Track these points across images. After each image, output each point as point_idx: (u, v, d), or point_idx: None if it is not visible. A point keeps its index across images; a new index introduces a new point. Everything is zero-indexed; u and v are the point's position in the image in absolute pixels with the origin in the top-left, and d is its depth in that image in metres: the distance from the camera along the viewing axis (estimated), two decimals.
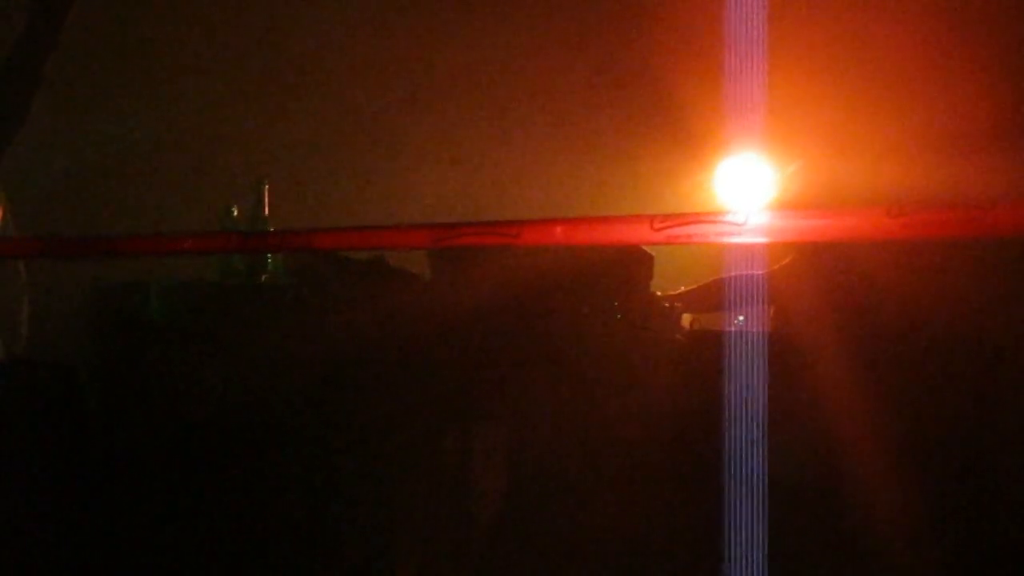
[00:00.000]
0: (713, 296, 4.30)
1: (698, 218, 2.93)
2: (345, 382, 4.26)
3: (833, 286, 3.87)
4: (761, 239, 3.12)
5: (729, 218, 2.95)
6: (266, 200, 4.77)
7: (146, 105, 6.32)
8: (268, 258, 4.76)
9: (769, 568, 3.57)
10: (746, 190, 4.57)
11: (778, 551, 3.58)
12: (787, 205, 4.21)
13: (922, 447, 3.53)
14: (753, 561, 3.56)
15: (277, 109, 6.42)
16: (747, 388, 3.65)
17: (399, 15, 6.33)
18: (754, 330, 3.85)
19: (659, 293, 4.54)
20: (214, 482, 4.17)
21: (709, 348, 3.83)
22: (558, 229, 3.10)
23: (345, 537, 4.17)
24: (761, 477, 3.58)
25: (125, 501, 4.10)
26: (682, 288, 4.58)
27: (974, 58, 4.36)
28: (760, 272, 4.04)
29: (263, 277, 4.78)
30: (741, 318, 4.63)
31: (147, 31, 6.40)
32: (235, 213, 4.86)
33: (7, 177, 4.67)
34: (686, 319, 4.53)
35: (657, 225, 2.94)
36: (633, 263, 4.41)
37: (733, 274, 4.09)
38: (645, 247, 4.39)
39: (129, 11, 6.28)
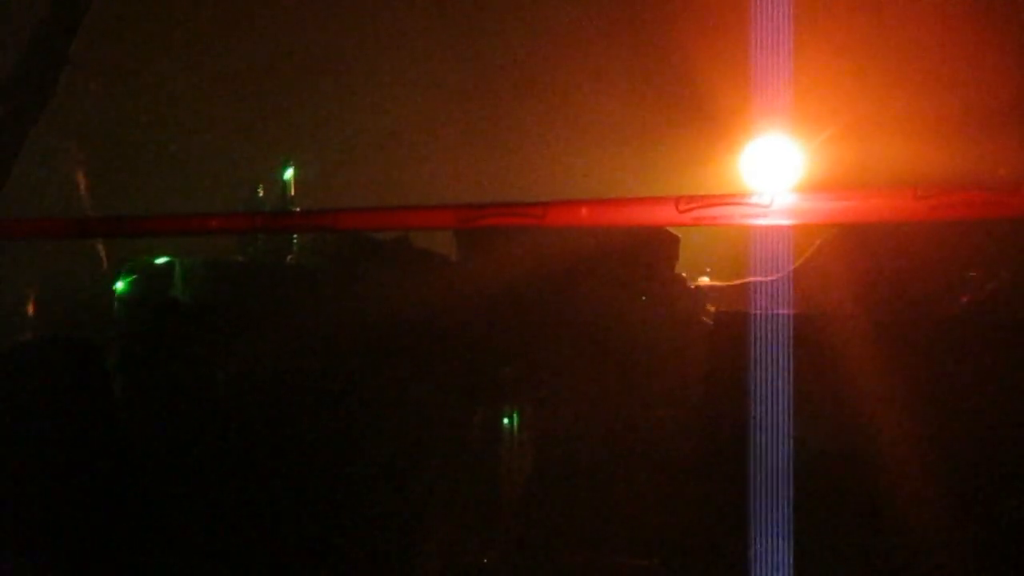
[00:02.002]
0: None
1: (724, 200, 2.93)
2: (370, 361, 4.23)
3: (859, 269, 3.84)
4: (787, 221, 3.11)
5: (755, 200, 2.94)
6: (292, 181, 4.79)
7: (176, 89, 6.34)
8: (294, 238, 4.78)
9: (794, 543, 3.55)
10: (772, 172, 4.54)
11: (803, 528, 3.56)
12: (813, 187, 4.18)
13: (946, 430, 3.50)
14: (779, 537, 3.54)
15: (305, 93, 6.43)
16: (772, 368, 3.63)
17: (436, 6, 6.35)
18: (780, 311, 3.83)
19: (683, 274, 4.52)
20: (237, 458, 4.15)
21: (735, 329, 3.80)
22: (583, 210, 3.10)
23: (373, 512, 4.13)
24: (787, 456, 3.56)
25: (150, 475, 4.07)
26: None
27: (1000, 39, 4.33)
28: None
29: (288, 257, 4.79)
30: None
31: (176, 18, 6.42)
32: (261, 193, 4.87)
33: (37, 161, 4.70)
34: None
35: (683, 207, 2.93)
36: (658, 245, 4.40)
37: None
38: (671, 228, 4.36)
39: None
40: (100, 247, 5.16)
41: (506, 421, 4.33)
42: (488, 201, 3.20)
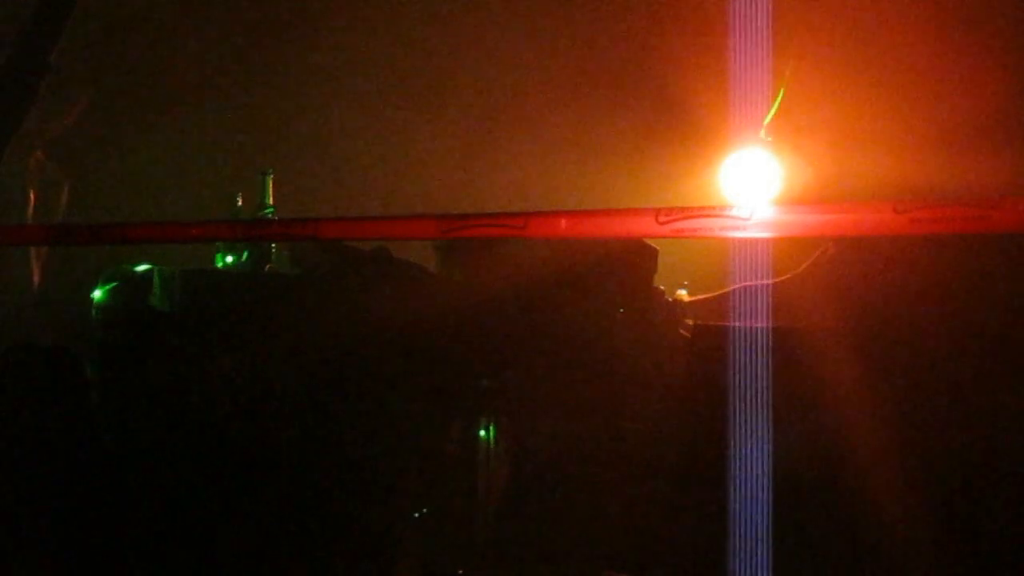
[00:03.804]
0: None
1: (703, 212, 2.93)
2: (348, 371, 4.22)
3: (838, 284, 3.84)
4: (766, 234, 3.11)
5: (734, 212, 2.94)
6: (270, 190, 4.77)
7: (155, 100, 6.34)
8: (272, 247, 4.76)
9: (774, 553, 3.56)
10: (751, 185, 4.56)
11: (782, 538, 3.56)
12: (792, 200, 4.19)
13: (923, 441, 3.52)
14: (759, 546, 3.55)
15: (283, 102, 6.43)
16: (750, 380, 3.64)
17: (416, 16, 6.36)
18: (757, 325, 3.83)
19: (661, 287, 4.52)
20: (217, 466, 4.14)
21: (712, 341, 3.81)
22: (563, 221, 3.10)
23: (353, 519, 4.13)
24: (765, 467, 3.57)
25: (129, 485, 4.05)
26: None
27: (979, 56, 4.35)
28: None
29: (267, 266, 4.77)
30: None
31: (153, 30, 6.42)
32: (240, 202, 4.86)
33: (14, 169, 4.69)
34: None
35: (662, 219, 2.93)
36: (637, 257, 4.39)
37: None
38: (649, 240, 4.36)
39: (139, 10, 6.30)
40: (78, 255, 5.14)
41: (483, 432, 4.31)
42: (470, 212, 3.20)
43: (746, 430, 3.60)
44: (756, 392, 3.60)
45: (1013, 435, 3.44)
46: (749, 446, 3.58)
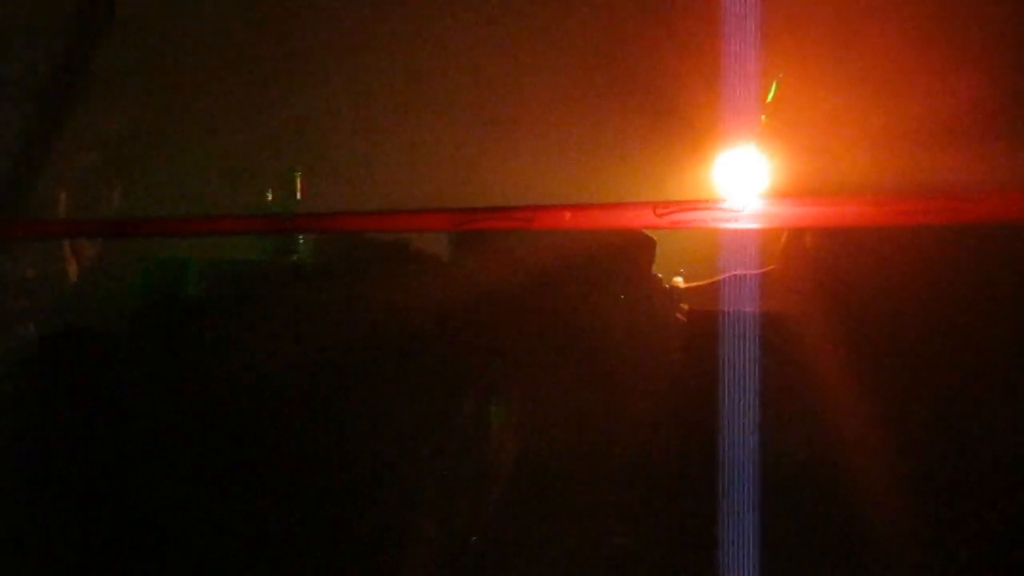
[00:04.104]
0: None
1: (698, 205, 3.00)
2: (367, 357, 4.23)
3: (830, 273, 3.86)
4: (756, 225, 3.17)
5: (727, 205, 3.00)
6: (298, 186, 4.81)
7: (191, 100, 6.32)
8: (299, 239, 4.80)
9: (763, 545, 3.56)
10: (742, 180, 4.58)
11: (773, 530, 3.56)
12: (780, 194, 4.22)
13: (912, 432, 3.52)
14: (746, 534, 3.55)
15: (309, 104, 6.43)
16: (744, 364, 3.66)
17: (419, 16, 6.34)
18: (750, 309, 3.85)
19: (660, 275, 4.55)
20: (243, 450, 4.15)
21: (708, 326, 3.83)
22: (568, 214, 3.16)
23: (367, 505, 4.14)
24: (755, 451, 3.58)
25: (158, 469, 4.08)
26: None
27: (957, 56, 4.37)
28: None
29: (294, 256, 4.82)
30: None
31: (185, 29, 6.41)
32: (269, 198, 4.89)
33: (60, 162, 4.70)
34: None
35: (660, 211, 2.99)
36: (637, 247, 4.43)
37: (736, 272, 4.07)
38: (648, 232, 4.41)
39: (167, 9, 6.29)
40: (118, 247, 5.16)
41: (493, 412, 4.36)
42: (480, 206, 3.23)
43: (737, 407, 3.62)
44: (746, 371, 3.63)
45: (1001, 426, 3.44)
46: (740, 422, 3.60)
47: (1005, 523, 3.38)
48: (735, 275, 4.01)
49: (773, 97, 4.55)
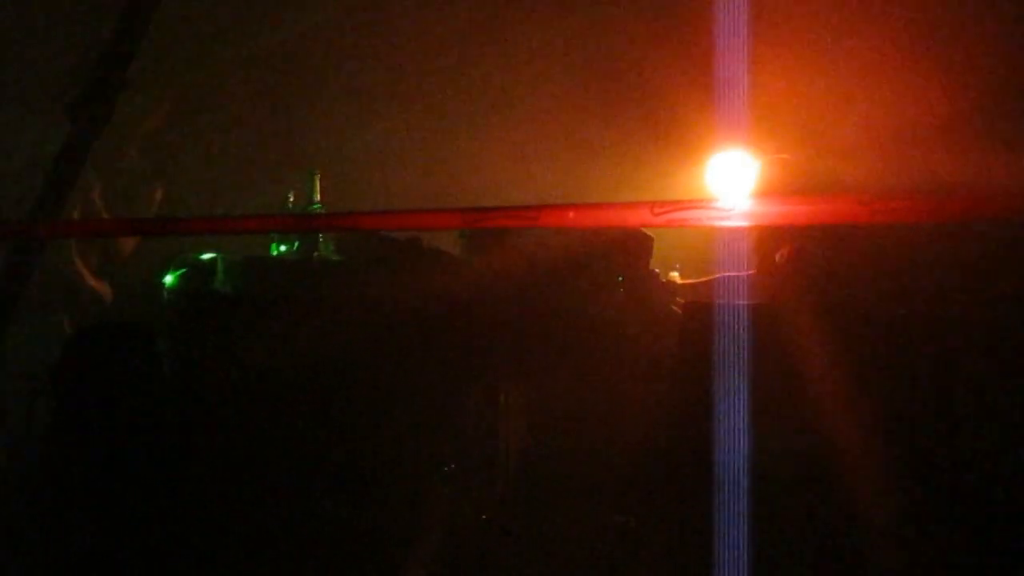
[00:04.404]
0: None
1: (692, 204, 3.01)
2: (384, 347, 4.26)
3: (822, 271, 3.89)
4: (746, 223, 3.19)
5: (719, 204, 3.01)
6: (318, 188, 4.84)
7: (218, 108, 6.34)
8: (319, 237, 4.83)
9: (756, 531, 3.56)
10: (734, 181, 4.59)
11: (765, 519, 3.52)
12: (770, 193, 4.23)
13: (901, 423, 3.50)
14: (739, 520, 3.54)
15: (327, 110, 6.45)
16: (734, 352, 3.66)
17: (434, 23, 6.37)
18: (741, 302, 3.85)
19: (656, 270, 4.60)
20: (272, 431, 4.20)
21: (701, 317, 3.85)
22: (571, 213, 3.18)
23: (386, 481, 4.20)
24: (746, 426, 3.57)
25: (196, 448, 4.12)
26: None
27: (939, 61, 4.38)
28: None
29: (315, 254, 4.85)
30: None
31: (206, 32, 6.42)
32: (291, 199, 4.93)
33: (101, 167, 4.72)
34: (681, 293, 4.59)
35: (657, 210, 3.00)
36: (635, 244, 4.47)
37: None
38: (646, 230, 4.45)
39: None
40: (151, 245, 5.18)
41: (502, 397, 4.38)
42: (489, 205, 3.24)
43: (730, 398, 3.62)
44: (739, 362, 3.64)
45: (995, 419, 3.44)
46: (733, 407, 3.60)
47: (1001, 518, 3.37)
48: (728, 275, 4.02)
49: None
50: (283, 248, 4.86)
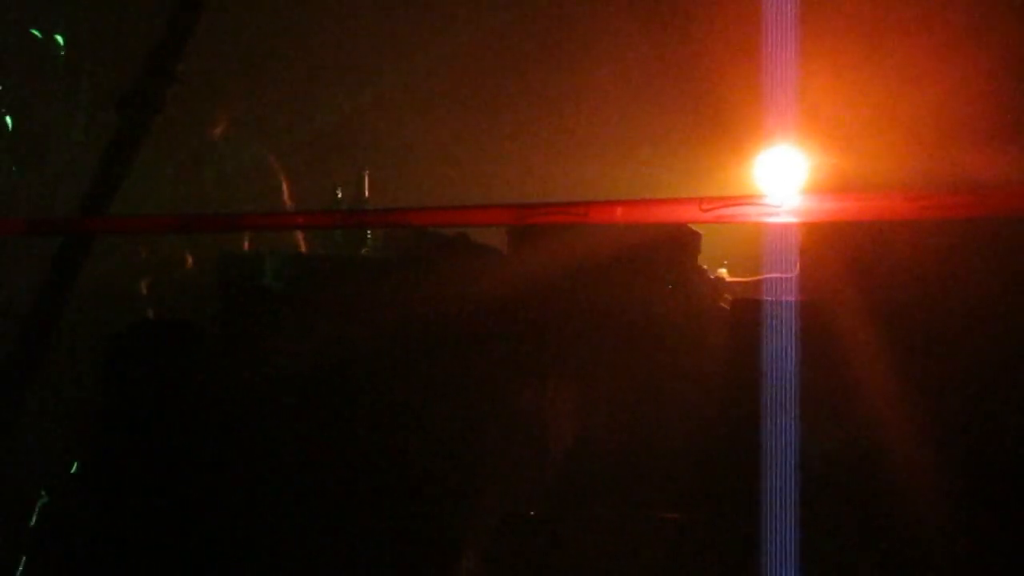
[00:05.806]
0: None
1: (741, 200, 3.02)
2: (432, 344, 4.30)
3: (864, 265, 3.88)
4: (795, 219, 3.21)
5: (768, 201, 3.03)
6: (366, 185, 4.88)
7: (268, 112, 6.38)
8: (367, 233, 4.86)
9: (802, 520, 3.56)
10: (782, 177, 4.60)
11: (813, 517, 3.56)
12: (818, 190, 4.23)
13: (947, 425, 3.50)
14: (786, 515, 3.54)
15: (376, 109, 6.49)
16: (784, 349, 3.67)
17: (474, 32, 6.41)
18: (789, 299, 3.86)
19: (705, 267, 4.62)
20: (321, 423, 4.24)
21: (749, 313, 3.87)
22: (619, 209, 3.19)
23: (434, 475, 4.22)
24: (795, 432, 3.58)
25: (247, 447, 4.17)
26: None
27: (990, 62, 4.38)
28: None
29: (363, 250, 4.90)
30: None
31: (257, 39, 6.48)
32: (340, 195, 4.97)
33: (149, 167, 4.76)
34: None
35: (705, 206, 3.02)
36: (683, 239, 4.48)
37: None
38: (694, 226, 4.46)
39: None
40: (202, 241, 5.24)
41: (550, 397, 4.38)
42: (538, 201, 3.27)
43: (778, 391, 3.64)
44: (788, 359, 3.66)
45: None
46: (781, 404, 3.62)
47: None
48: (776, 276, 4.02)
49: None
50: (331, 245, 4.93)
